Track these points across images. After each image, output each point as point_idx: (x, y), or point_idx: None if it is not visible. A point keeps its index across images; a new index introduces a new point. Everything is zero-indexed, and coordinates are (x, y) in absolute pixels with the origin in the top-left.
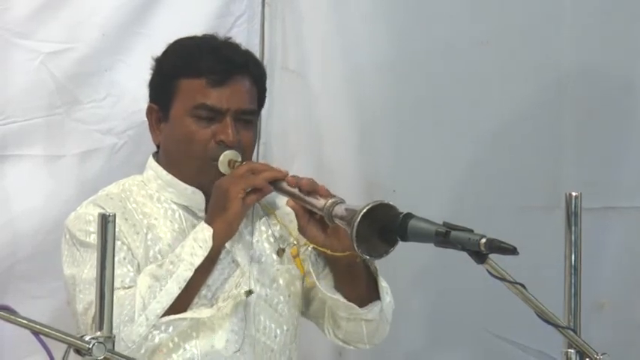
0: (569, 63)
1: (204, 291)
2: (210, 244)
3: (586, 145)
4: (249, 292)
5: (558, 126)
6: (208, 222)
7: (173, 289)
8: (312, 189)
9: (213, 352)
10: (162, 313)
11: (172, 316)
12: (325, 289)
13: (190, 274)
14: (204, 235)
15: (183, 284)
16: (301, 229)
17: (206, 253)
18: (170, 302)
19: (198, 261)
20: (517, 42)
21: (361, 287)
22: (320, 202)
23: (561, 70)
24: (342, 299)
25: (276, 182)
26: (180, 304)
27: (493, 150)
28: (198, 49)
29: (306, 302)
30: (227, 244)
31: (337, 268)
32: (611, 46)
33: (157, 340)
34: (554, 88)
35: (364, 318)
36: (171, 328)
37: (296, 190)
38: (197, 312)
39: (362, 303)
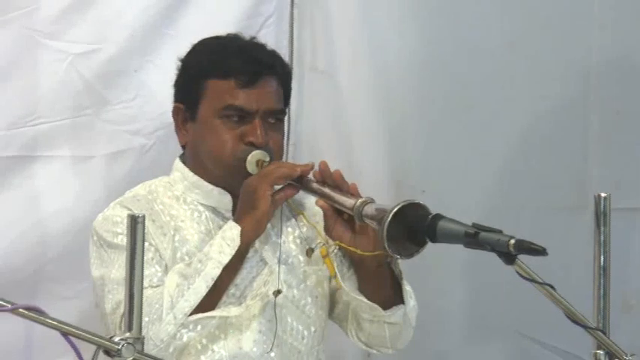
0: (597, 63)
1: (232, 290)
2: (238, 242)
3: (614, 145)
4: (278, 292)
5: (586, 126)
6: (236, 220)
7: (201, 287)
8: (342, 182)
9: (241, 353)
10: (191, 311)
11: (200, 315)
12: (349, 290)
13: (218, 272)
14: (232, 233)
15: (211, 283)
16: (328, 229)
17: (234, 252)
18: (198, 301)
19: (226, 259)
20: (544, 42)
21: (385, 290)
22: (350, 202)
23: (589, 69)
24: (365, 300)
25: (305, 182)
26: (209, 302)
27: (521, 150)
28: (225, 50)
29: (331, 305)
30: (255, 244)
31: (363, 270)
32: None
33: (185, 338)
34: (582, 87)
35: (387, 321)
36: (199, 327)
37: (325, 190)
38: (225, 310)
39: (385, 306)
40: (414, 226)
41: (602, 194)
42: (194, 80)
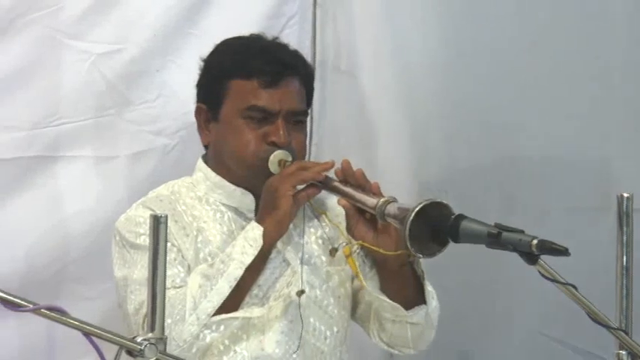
0: (619, 63)
1: (255, 290)
2: (260, 242)
3: (637, 145)
4: (301, 292)
5: (608, 126)
6: (258, 221)
7: (224, 288)
8: (364, 181)
9: (264, 354)
10: (214, 312)
11: (223, 315)
12: (372, 289)
13: (241, 272)
14: (254, 233)
15: (233, 283)
16: (350, 229)
17: (256, 252)
18: (221, 301)
19: (248, 260)
20: (567, 42)
21: (407, 290)
22: (372, 201)
23: (612, 69)
24: (387, 300)
25: (328, 182)
26: (232, 303)
27: (544, 151)
28: (248, 50)
29: (353, 305)
30: (278, 244)
31: (385, 269)
32: None
33: (207, 339)
34: (605, 87)
35: (409, 321)
36: (222, 327)
37: (347, 189)
38: (248, 311)
39: (407, 306)
40: (437, 226)
41: (625, 194)
42: (217, 80)
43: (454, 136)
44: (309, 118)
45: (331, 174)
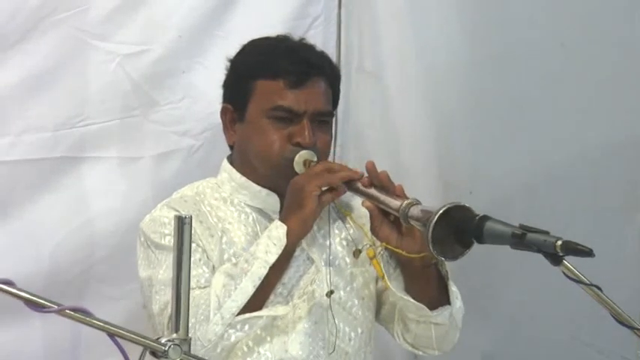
0: None
1: (279, 289)
2: (284, 241)
3: None
4: (331, 292)
5: (636, 126)
6: (283, 220)
7: (248, 287)
8: (388, 183)
9: (287, 356)
10: (238, 311)
11: (248, 314)
12: (396, 289)
13: (265, 271)
14: (278, 232)
15: (257, 282)
16: (374, 230)
17: (280, 251)
18: (245, 300)
19: (272, 258)
20: (594, 42)
21: (432, 291)
22: (395, 203)
23: (639, 69)
24: (412, 300)
25: (351, 183)
26: (256, 302)
27: (570, 151)
28: (274, 50)
29: (378, 306)
30: (302, 243)
31: (409, 270)
32: None
33: (232, 339)
34: (633, 88)
35: (433, 321)
36: (247, 327)
37: (371, 191)
38: (273, 309)
39: (432, 307)
40: (460, 227)
41: None
42: (243, 80)
43: (479, 137)
44: (333, 119)
45: None
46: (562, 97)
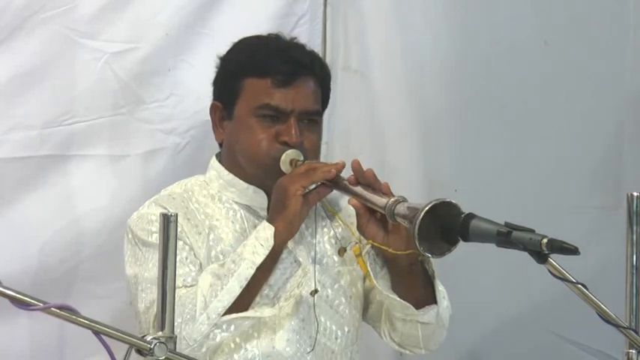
0: (632, 62)
1: (266, 290)
2: (271, 242)
3: None
4: (315, 292)
5: (619, 125)
6: (269, 221)
7: (234, 287)
8: (374, 181)
9: (275, 352)
10: (224, 311)
11: (234, 315)
12: (382, 288)
13: (252, 272)
14: (265, 233)
15: (244, 283)
16: (361, 228)
17: (267, 252)
18: (231, 301)
19: (259, 259)
20: (579, 41)
21: (418, 290)
22: (382, 201)
23: (624, 68)
24: (398, 298)
25: (338, 181)
26: (242, 303)
27: (555, 149)
28: (264, 49)
29: (365, 305)
30: (289, 244)
31: (396, 269)
32: None
33: (218, 338)
34: (617, 86)
35: (420, 320)
36: (232, 327)
37: (358, 189)
38: (259, 311)
39: (418, 306)
40: (447, 225)
41: (635, 193)
42: (232, 78)
43: (465, 135)
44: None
45: (343, 174)
46: (546, 95)
